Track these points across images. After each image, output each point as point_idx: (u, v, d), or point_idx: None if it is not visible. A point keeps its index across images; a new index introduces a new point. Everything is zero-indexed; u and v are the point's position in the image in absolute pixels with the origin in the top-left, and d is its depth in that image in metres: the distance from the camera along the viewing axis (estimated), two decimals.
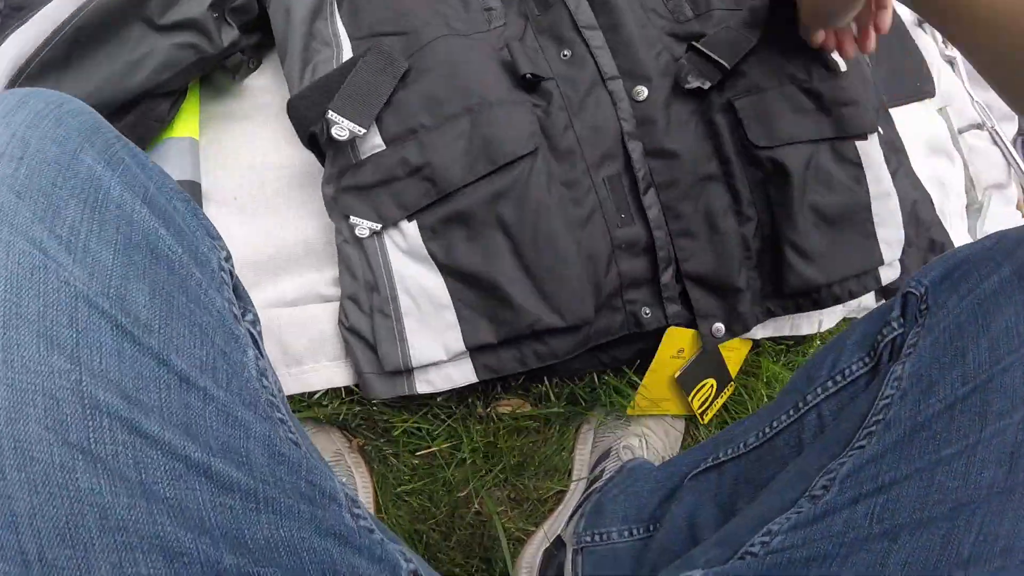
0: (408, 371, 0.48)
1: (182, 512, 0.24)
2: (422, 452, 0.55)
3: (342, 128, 0.46)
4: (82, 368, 0.23)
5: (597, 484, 0.56)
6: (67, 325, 0.23)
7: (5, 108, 0.25)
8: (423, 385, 0.48)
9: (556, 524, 0.57)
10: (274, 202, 0.53)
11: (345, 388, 0.53)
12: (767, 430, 0.42)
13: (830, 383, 0.39)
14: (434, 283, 0.47)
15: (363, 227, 0.47)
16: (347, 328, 0.49)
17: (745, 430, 0.44)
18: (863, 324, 0.39)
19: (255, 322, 0.32)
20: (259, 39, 0.56)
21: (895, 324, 0.36)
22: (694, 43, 0.52)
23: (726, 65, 0.50)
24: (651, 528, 0.48)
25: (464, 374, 0.48)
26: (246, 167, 0.54)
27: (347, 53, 0.49)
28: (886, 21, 0.48)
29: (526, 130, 0.48)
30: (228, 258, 0.31)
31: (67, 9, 0.46)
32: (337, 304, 0.51)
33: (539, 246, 0.46)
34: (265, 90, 0.56)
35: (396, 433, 0.54)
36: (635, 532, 0.49)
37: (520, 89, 0.49)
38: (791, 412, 0.41)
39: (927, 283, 0.35)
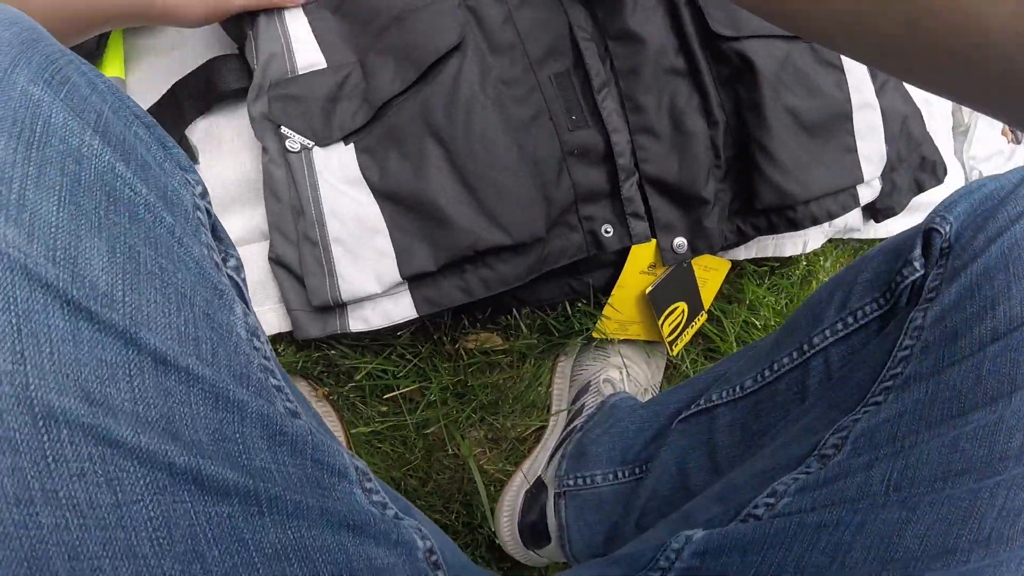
0: (340, 306, 0.44)
1: (169, 535, 0.20)
2: (390, 395, 0.52)
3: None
4: (27, 365, 0.17)
5: (577, 422, 0.53)
6: (3, 309, 0.17)
7: None
8: (357, 323, 0.44)
9: (536, 464, 0.55)
10: (209, 138, 0.49)
11: None
12: (767, 373, 0.38)
13: (840, 324, 0.35)
14: (367, 209, 0.43)
15: (295, 140, 0.43)
16: (274, 260, 0.46)
17: (740, 370, 0.41)
18: (877, 259, 0.35)
19: (239, 268, 0.27)
20: None
21: (917, 264, 0.32)
22: None
23: None
24: (637, 471, 0.45)
25: (402, 309, 0.44)
26: None
27: None
28: None
29: (449, 24, 0.44)
30: (204, 194, 0.26)
31: None
32: None
33: (474, 152, 0.42)
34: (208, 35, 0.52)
35: (359, 377, 0.50)
36: (620, 475, 0.46)
37: None
38: (794, 355, 0.37)
39: (951, 219, 0.31)
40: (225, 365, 0.22)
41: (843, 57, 0.50)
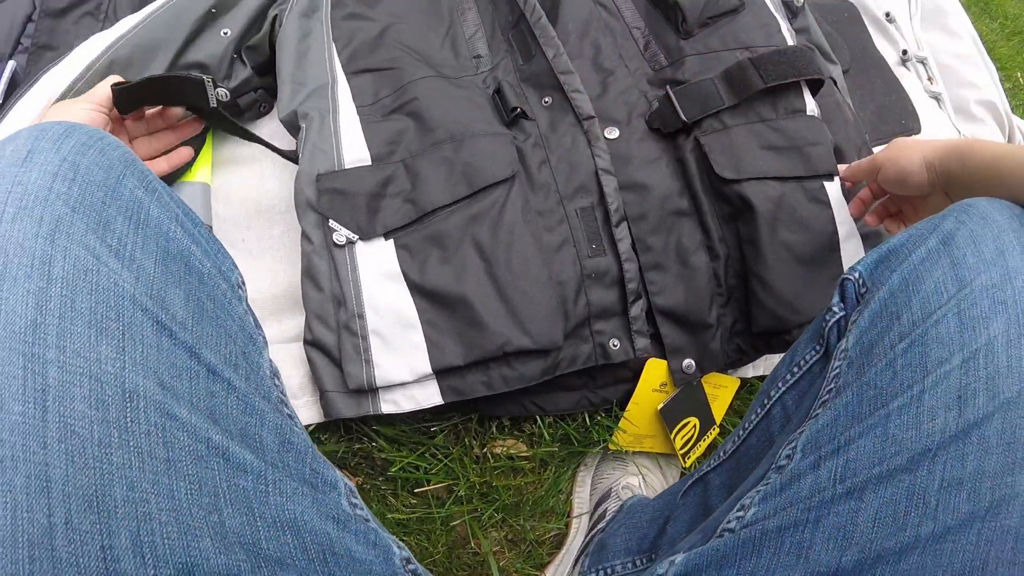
0: (372, 390, 0.49)
1: (200, 489, 0.26)
2: (420, 490, 0.56)
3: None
4: (125, 357, 0.26)
5: (600, 526, 0.56)
6: (115, 319, 0.26)
7: (54, 135, 0.29)
8: (388, 405, 0.49)
9: (561, 568, 0.57)
10: (281, 244, 0.56)
11: (344, 425, 0.55)
12: (740, 434, 0.44)
13: (788, 375, 0.41)
14: (404, 303, 0.48)
15: (341, 234, 0.49)
16: (311, 343, 0.49)
17: (724, 443, 0.46)
18: (814, 322, 0.41)
19: (264, 342, 0.36)
20: (270, 83, 0.59)
21: (836, 308, 0.38)
22: (669, 90, 0.55)
23: (685, 120, 0.54)
24: (653, 556, 0.48)
25: (429, 395, 0.49)
26: (254, 211, 0.57)
27: (342, 85, 0.55)
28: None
29: (505, 158, 0.52)
30: (243, 284, 0.35)
31: (99, 47, 0.52)
32: None
33: (512, 268, 0.49)
34: (273, 135, 0.59)
35: (394, 470, 0.55)
36: (638, 563, 0.49)
37: (502, 124, 0.55)
38: (758, 411, 0.42)
39: (860, 268, 0.37)
40: (254, 386, 0.30)
41: (828, 192, 0.56)
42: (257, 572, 0.27)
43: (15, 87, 0.56)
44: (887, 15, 0.77)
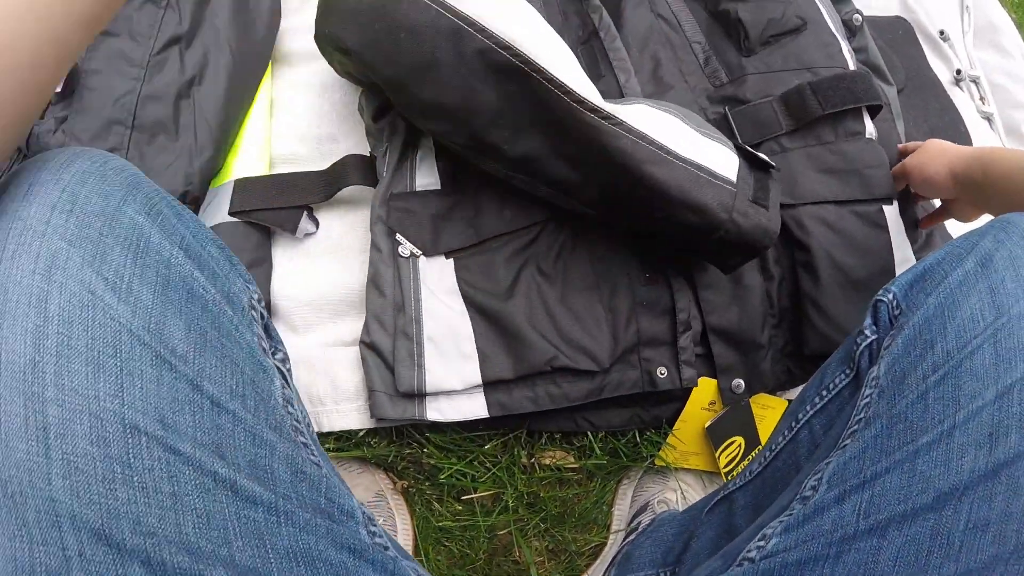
0: (420, 396, 0.50)
1: (208, 522, 0.26)
2: (467, 497, 0.57)
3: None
4: (124, 393, 0.25)
5: (630, 538, 0.56)
6: (112, 355, 0.26)
7: (55, 166, 0.28)
8: (433, 412, 0.50)
9: None
10: (341, 247, 0.57)
11: (396, 430, 0.56)
12: (767, 455, 0.43)
13: (817, 399, 0.40)
14: (459, 316, 0.50)
15: (406, 247, 0.51)
16: (367, 344, 0.51)
17: (750, 463, 0.46)
18: (845, 343, 0.40)
19: (285, 360, 0.35)
20: None
21: (868, 332, 0.37)
22: (728, 111, 0.55)
23: (740, 144, 0.54)
24: (676, 571, 0.48)
25: (475, 407, 0.50)
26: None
27: None
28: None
29: None
30: (260, 300, 0.34)
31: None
32: None
33: (565, 293, 0.50)
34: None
35: (443, 476, 0.56)
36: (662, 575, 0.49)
37: None
38: (786, 433, 0.42)
39: (894, 289, 0.36)
40: (264, 417, 0.29)
41: (886, 216, 0.56)
42: None
43: (75, 75, 0.56)
44: (941, 33, 0.76)
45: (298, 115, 0.62)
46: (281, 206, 0.55)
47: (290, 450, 0.30)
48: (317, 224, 0.57)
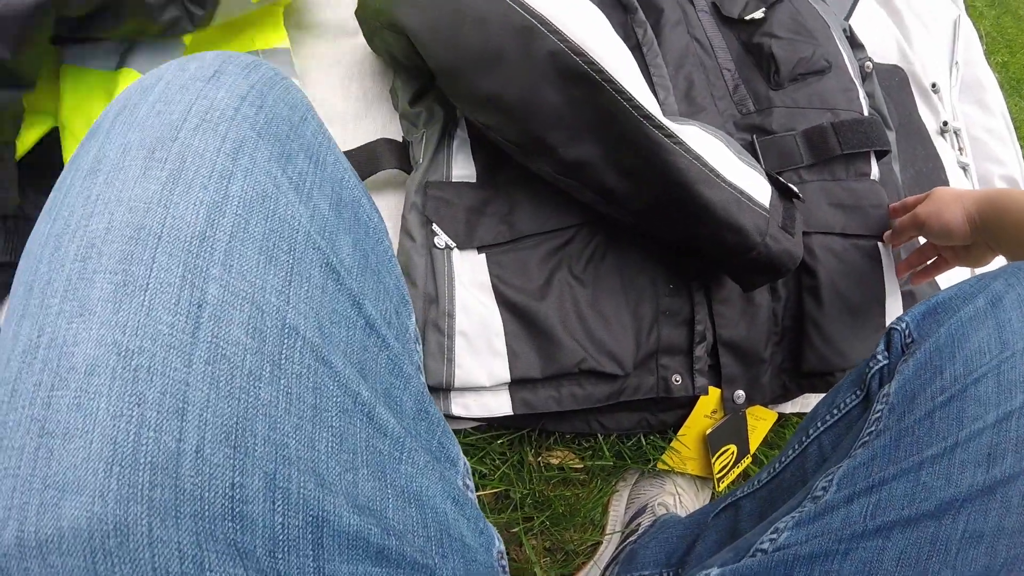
0: (447, 390, 0.50)
1: (341, 444, 0.25)
2: (478, 494, 0.57)
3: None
4: (291, 291, 0.24)
5: (632, 538, 0.58)
6: (286, 251, 0.24)
7: (241, 64, 0.27)
8: (459, 408, 0.50)
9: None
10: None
11: None
12: (776, 466, 0.46)
13: (828, 416, 0.43)
14: (491, 312, 0.50)
15: (441, 238, 0.51)
16: None
17: (759, 471, 0.48)
18: (857, 368, 0.43)
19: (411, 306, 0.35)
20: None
21: (880, 357, 0.40)
22: (755, 139, 0.58)
23: (771, 173, 0.56)
24: (679, 572, 0.50)
25: (500, 404, 0.51)
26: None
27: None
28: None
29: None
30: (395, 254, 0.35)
31: None
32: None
33: (596, 296, 0.52)
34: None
35: None
36: (665, 575, 0.51)
37: None
38: (795, 447, 0.45)
39: (908, 319, 0.39)
40: (403, 347, 0.30)
41: (881, 251, 0.61)
42: (384, 540, 0.26)
43: None
44: (933, 86, 0.83)
45: (323, 90, 0.60)
46: None
47: (419, 386, 0.30)
48: None
